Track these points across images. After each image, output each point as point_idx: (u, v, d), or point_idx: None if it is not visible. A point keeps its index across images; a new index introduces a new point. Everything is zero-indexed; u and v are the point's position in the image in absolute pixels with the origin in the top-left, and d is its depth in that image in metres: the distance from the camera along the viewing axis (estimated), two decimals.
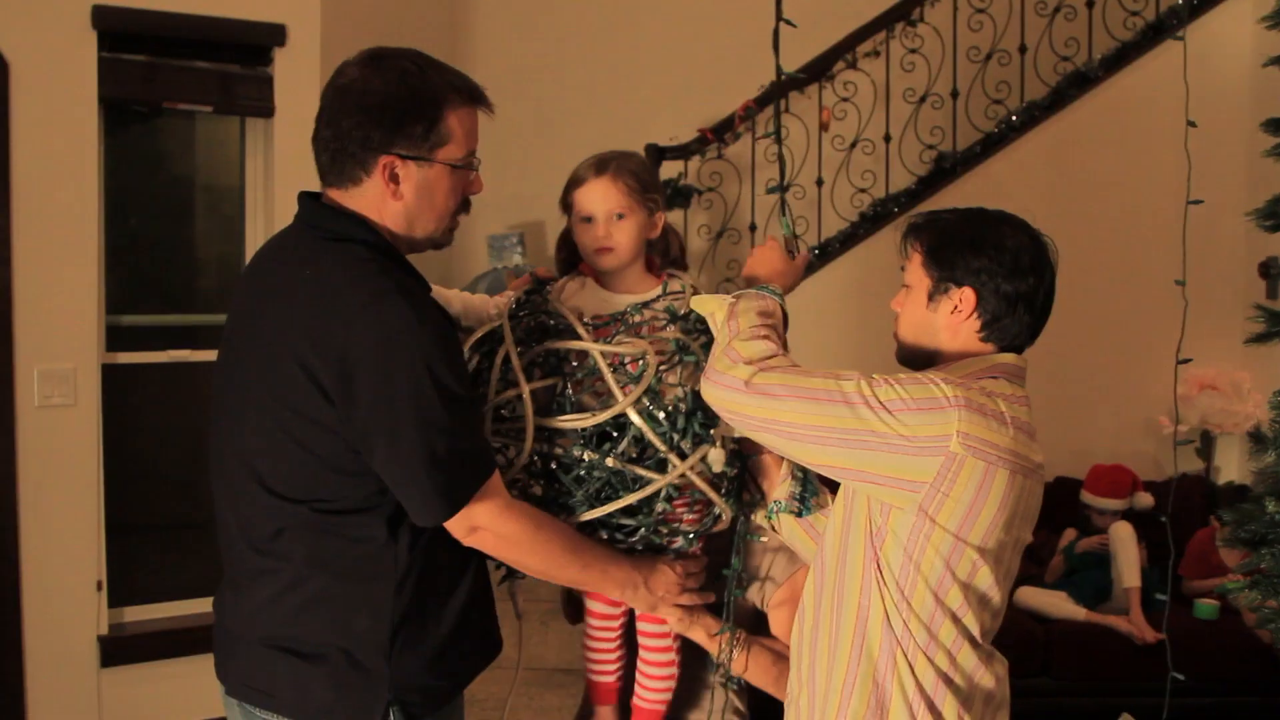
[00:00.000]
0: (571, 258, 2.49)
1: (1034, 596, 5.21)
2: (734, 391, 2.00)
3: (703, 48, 6.66)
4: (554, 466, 2.20)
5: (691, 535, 2.29)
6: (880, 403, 1.93)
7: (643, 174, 2.43)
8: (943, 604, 1.99)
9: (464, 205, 2.18)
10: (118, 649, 4.36)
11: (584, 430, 2.18)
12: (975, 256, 2.06)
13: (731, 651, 2.37)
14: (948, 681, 2.01)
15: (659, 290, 2.43)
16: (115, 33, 4.23)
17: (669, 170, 6.08)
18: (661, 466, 2.19)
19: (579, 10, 6.85)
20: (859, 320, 5.79)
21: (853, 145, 6.22)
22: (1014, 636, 4.86)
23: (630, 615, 2.48)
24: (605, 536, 2.24)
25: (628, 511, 2.20)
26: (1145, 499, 5.47)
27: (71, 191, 4.21)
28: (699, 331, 2.31)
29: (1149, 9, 6.16)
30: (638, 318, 2.35)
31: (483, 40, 6.95)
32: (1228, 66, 5.98)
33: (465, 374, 2.07)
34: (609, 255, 2.38)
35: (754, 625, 2.50)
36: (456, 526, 2.02)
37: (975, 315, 2.08)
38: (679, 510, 2.26)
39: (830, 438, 1.94)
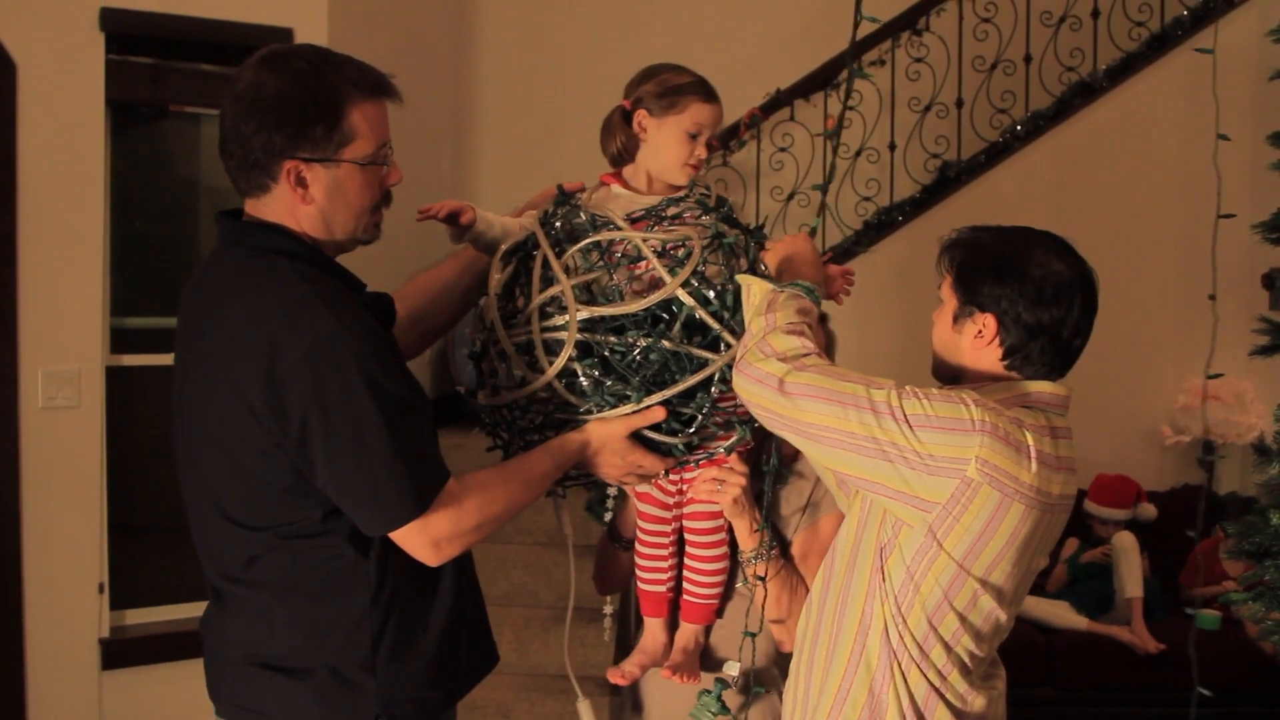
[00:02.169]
0: (628, 145, 2.47)
1: (1036, 606, 5.20)
2: (766, 388, 1.99)
3: (707, 56, 6.63)
4: (605, 354, 2.19)
5: (745, 425, 2.28)
6: (905, 415, 1.91)
7: None
8: (936, 630, 1.98)
9: (384, 199, 2.10)
10: (119, 652, 4.35)
11: (634, 316, 2.18)
12: (998, 284, 2.02)
13: (767, 549, 2.36)
14: (939, 695, 2.00)
15: (686, 190, 2.43)
16: (122, 35, 4.23)
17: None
18: (714, 348, 2.20)
19: (585, 17, 6.86)
20: (862, 329, 5.79)
21: (857, 154, 6.22)
22: (1016, 646, 4.84)
23: (679, 521, 2.45)
24: (657, 435, 2.23)
25: (684, 399, 2.20)
26: (1149, 510, 5.47)
27: (77, 193, 4.21)
28: (731, 224, 2.35)
29: (1154, 20, 6.17)
30: (671, 210, 2.36)
31: (489, 44, 6.96)
32: (1232, 79, 5.97)
33: (401, 375, 2.02)
34: (694, 172, 2.41)
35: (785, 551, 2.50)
36: (418, 545, 1.98)
37: (996, 343, 2.04)
38: (733, 395, 2.25)
39: (851, 444, 1.93)
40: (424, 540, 1.97)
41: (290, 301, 1.91)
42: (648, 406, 2.19)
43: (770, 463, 2.36)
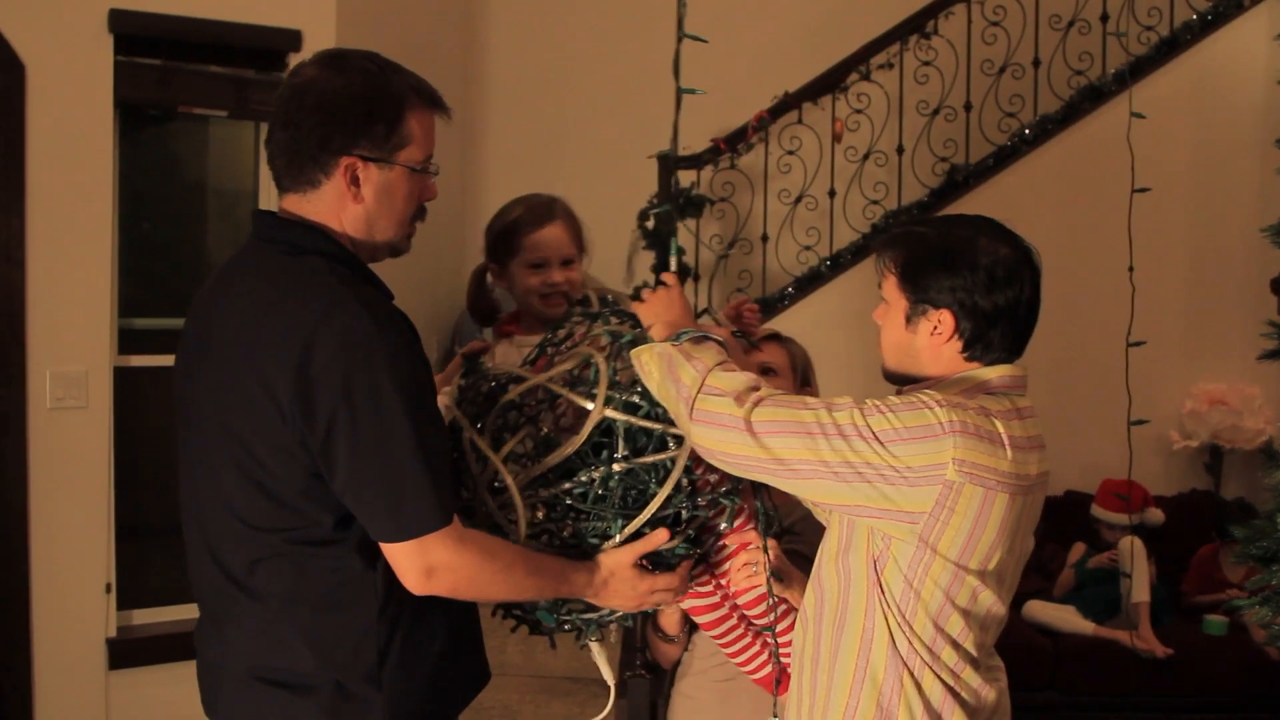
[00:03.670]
0: (488, 306, 2.46)
1: (1042, 610, 5.20)
2: (732, 431, 1.94)
3: (716, 58, 6.65)
4: (569, 503, 2.14)
5: (730, 496, 2.21)
6: (873, 433, 1.89)
7: (575, 215, 2.50)
8: (943, 631, 1.97)
9: (420, 212, 2.11)
10: (126, 651, 4.35)
11: (579, 454, 2.12)
12: (949, 276, 2.00)
13: (771, 598, 2.28)
14: (954, 695, 1.99)
15: (567, 308, 2.38)
16: (131, 36, 4.24)
17: (681, 179, 6.08)
18: (663, 447, 2.14)
19: (593, 20, 6.86)
20: (870, 330, 5.78)
21: (865, 157, 6.22)
22: (1022, 650, 4.86)
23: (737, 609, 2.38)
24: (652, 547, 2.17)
25: (663, 505, 2.13)
26: (1156, 515, 5.47)
27: (85, 194, 4.21)
28: (621, 317, 2.29)
29: (1163, 24, 6.16)
30: (561, 332, 2.32)
31: (497, 48, 6.97)
32: (1241, 82, 5.98)
33: (430, 386, 2.00)
34: (561, 302, 2.39)
35: None
36: (412, 567, 1.93)
37: (955, 336, 2.02)
38: (703, 475, 2.19)
39: (827, 472, 1.91)
40: (419, 562, 1.93)
41: (328, 301, 1.90)
42: (632, 531, 2.13)
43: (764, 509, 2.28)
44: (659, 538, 2.14)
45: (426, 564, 1.93)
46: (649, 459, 2.12)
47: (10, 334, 4.10)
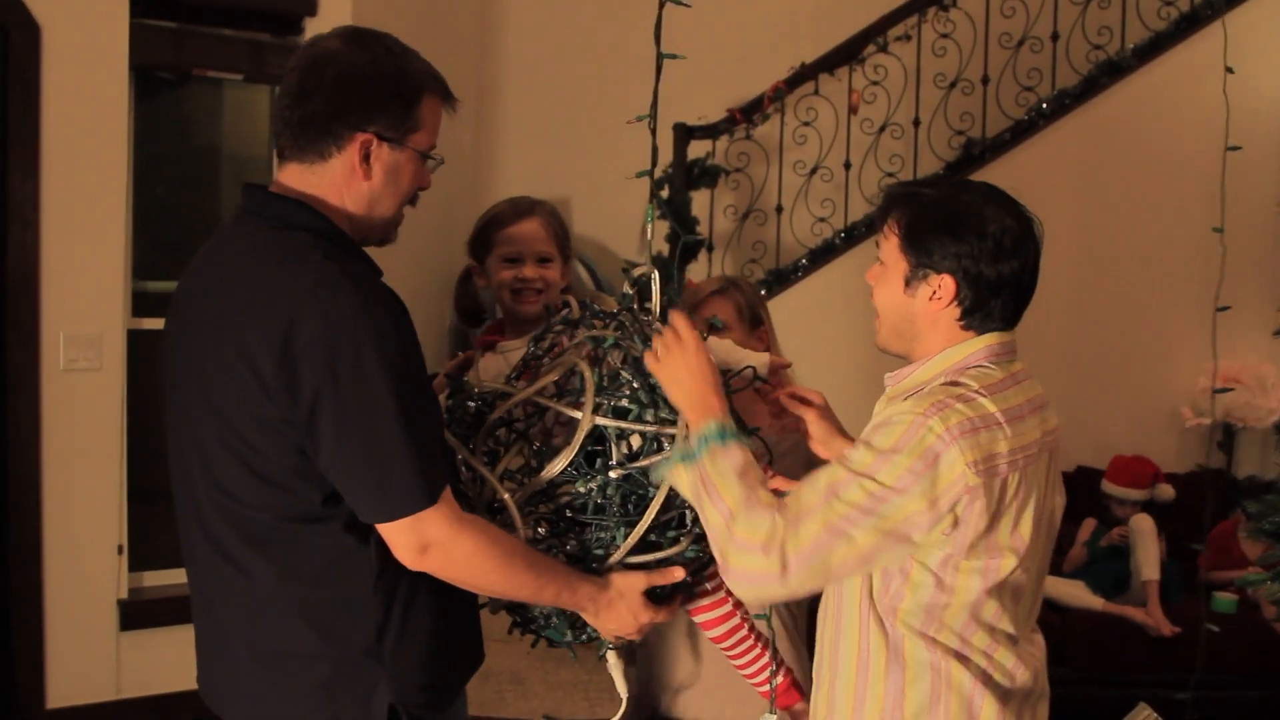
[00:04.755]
0: (473, 305, 2.44)
1: (1052, 586, 5.19)
2: (770, 584, 1.91)
3: (733, 28, 6.64)
4: (570, 515, 2.10)
5: None
6: (890, 488, 1.86)
7: (561, 219, 2.46)
8: (977, 617, 1.94)
9: (414, 199, 2.10)
10: (137, 613, 4.39)
11: (573, 465, 2.08)
12: (955, 242, 1.96)
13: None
14: (985, 679, 1.95)
15: (548, 315, 2.36)
16: None
17: (696, 150, 6.07)
18: (658, 447, 2.09)
19: None
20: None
21: (881, 129, 6.20)
22: None
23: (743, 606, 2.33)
24: (662, 553, 2.13)
25: (664, 509, 2.08)
26: (1166, 491, 5.46)
27: (100, 157, 4.22)
28: (603, 318, 2.23)
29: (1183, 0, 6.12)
30: (545, 343, 2.28)
31: (514, 18, 6.94)
32: (1266, 57, 5.93)
33: (419, 362, 1.97)
34: (535, 300, 2.37)
35: None
36: (405, 543, 1.90)
37: (955, 303, 1.99)
38: None
39: (867, 554, 1.89)
40: (413, 539, 1.90)
41: (314, 276, 1.87)
42: (638, 537, 2.09)
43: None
44: (674, 574, 2.12)
45: (421, 541, 1.90)
46: (645, 462, 2.08)
47: (24, 295, 4.12)
